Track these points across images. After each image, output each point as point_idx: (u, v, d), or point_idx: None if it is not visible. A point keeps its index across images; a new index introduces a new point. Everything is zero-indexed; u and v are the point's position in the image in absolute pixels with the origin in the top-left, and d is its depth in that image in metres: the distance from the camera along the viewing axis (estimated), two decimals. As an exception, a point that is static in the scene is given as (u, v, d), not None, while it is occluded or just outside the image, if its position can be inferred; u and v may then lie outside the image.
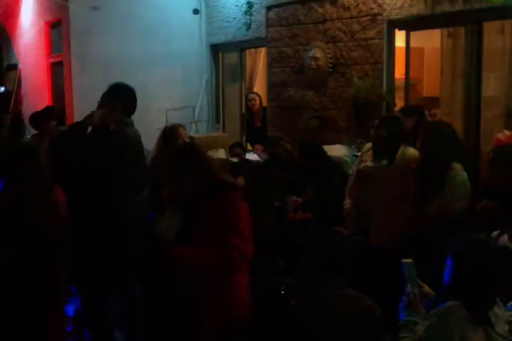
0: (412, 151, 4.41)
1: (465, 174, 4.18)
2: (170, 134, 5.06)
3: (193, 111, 8.69)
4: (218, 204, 3.16)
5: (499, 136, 4.82)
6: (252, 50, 8.91)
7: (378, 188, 4.47)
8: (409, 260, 2.74)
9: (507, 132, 4.77)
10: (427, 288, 2.77)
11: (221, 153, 6.63)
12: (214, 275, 3.13)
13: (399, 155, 4.39)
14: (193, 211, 3.20)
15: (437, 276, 2.64)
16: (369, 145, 4.81)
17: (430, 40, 7.27)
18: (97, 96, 7.89)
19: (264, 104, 8.10)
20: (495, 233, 3.45)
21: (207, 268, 3.11)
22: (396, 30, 6.34)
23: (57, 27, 8.80)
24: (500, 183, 3.92)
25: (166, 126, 5.61)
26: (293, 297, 2.98)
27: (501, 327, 2.49)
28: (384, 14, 6.26)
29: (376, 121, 4.72)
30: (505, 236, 3.37)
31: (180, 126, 5.28)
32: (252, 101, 8.07)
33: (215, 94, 9.15)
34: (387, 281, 3.88)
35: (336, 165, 5.55)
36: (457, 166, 4.17)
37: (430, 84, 7.81)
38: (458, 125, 5.66)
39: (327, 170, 5.28)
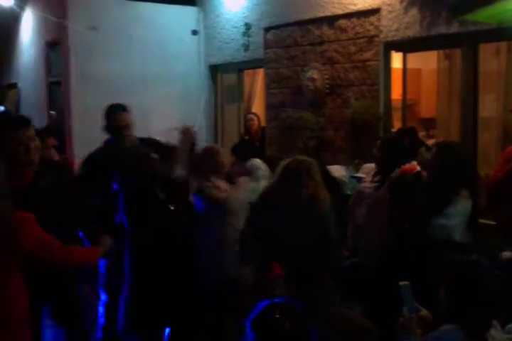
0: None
1: (469, 203, 4.11)
2: None
3: (192, 131, 8.71)
4: None
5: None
6: (250, 70, 8.96)
7: (369, 208, 4.49)
8: (406, 282, 2.73)
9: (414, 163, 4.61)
10: (424, 312, 2.75)
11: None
12: None
13: (390, 176, 4.39)
14: None
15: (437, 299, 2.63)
16: (371, 165, 4.82)
17: (427, 61, 7.34)
18: (95, 116, 7.94)
19: (263, 124, 8.13)
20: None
21: None
22: (393, 52, 6.39)
23: (56, 47, 8.86)
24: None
25: None
26: (288, 320, 2.95)
27: (499, 350, 2.47)
28: (381, 36, 6.32)
29: (378, 142, 4.73)
30: (507, 252, 3.34)
31: None
32: (251, 122, 8.09)
33: (214, 114, 9.19)
34: (380, 301, 3.87)
35: (337, 184, 5.57)
36: (464, 193, 4.08)
37: (427, 105, 7.86)
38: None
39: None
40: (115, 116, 4.39)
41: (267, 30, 7.81)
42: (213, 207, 4.51)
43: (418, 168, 4.25)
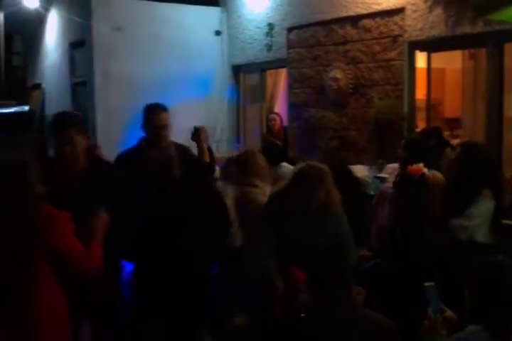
0: (430, 173, 4.35)
1: (491, 203, 4.07)
2: None
3: (215, 130, 8.75)
4: None
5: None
6: (273, 70, 8.96)
7: (394, 209, 4.46)
8: (431, 283, 2.71)
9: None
10: (449, 313, 2.73)
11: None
12: None
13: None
14: None
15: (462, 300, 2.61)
16: (395, 165, 4.80)
17: (451, 61, 7.28)
18: (119, 116, 8.02)
19: (285, 124, 8.13)
20: None
21: None
22: (417, 52, 6.35)
23: (80, 47, 8.94)
24: None
25: None
26: (313, 319, 2.96)
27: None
28: (405, 35, 6.28)
29: (402, 142, 4.70)
30: None
31: None
32: (273, 122, 8.10)
33: (236, 114, 9.21)
34: (407, 304, 3.85)
35: (360, 185, 5.55)
36: (486, 193, 4.04)
37: (451, 105, 7.80)
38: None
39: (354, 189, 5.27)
40: (155, 115, 4.34)
41: (289, 30, 7.81)
42: (257, 212, 4.42)
43: (424, 170, 4.22)
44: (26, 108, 10.92)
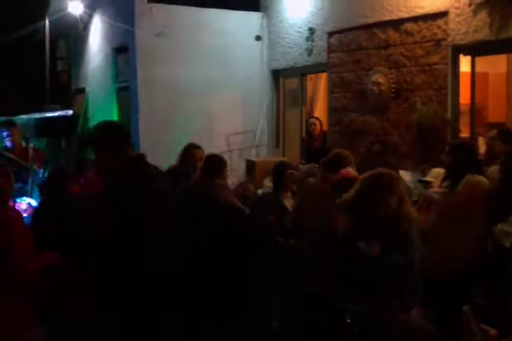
0: (477, 178, 4.28)
1: None
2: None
3: (254, 135, 8.78)
4: None
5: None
6: (313, 75, 8.97)
7: (440, 214, 4.40)
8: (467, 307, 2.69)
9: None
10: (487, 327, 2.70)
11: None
12: None
13: (462, 182, 4.30)
14: None
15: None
16: (440, 170, 4.75)
17: (495, 65, 7.18)
18: (161, 120, 8.09)
19: (325, 128, 8.10)
20: None
21: None
22: (461, 56, 6.28)
23: (123, 52, 9.07)
24: None
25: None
26: (358, 324, 2.95)
27: None
28: (448, 39, 6.23)
29: (446, 147, 4.64)
30: None
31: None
32: (313, 126, 8.08)
33: (276, 118, 9.23)
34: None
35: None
36: None
37: (495, 110, 7.68)
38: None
39: None
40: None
41: (330, 34, 7.81)
42: None
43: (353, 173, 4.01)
44: (70, 112, 11.12)
